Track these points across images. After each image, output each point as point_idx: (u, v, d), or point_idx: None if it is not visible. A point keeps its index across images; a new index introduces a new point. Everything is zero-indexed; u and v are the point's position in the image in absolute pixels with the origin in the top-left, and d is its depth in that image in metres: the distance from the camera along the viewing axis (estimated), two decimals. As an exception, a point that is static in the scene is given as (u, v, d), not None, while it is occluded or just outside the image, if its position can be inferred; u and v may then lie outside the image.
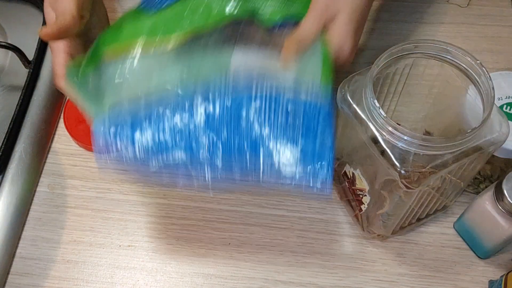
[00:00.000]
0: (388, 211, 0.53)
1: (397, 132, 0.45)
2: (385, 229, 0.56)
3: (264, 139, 0.48)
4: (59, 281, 0.58)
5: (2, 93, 0.70)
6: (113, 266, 0.59)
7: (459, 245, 0.59)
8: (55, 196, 0.63)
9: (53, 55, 0.55)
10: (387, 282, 0.57)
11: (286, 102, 0.50)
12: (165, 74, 0.51)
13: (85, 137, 0.65)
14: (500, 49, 0.72)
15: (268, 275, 0.58)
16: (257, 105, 0.49)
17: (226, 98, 0.49)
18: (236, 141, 0.48)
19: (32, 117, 0.66)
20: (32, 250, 0.60)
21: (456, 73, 0.50)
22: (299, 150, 0.48)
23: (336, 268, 0.58)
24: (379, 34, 0.73)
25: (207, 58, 0.52)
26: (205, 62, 0.52)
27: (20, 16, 0.76)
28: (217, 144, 0.48)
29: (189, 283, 0.58)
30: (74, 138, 0.65)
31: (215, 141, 0.48)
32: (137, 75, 0.51)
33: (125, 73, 0.52)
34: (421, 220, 0.59)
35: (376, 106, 0.46)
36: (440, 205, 0.58)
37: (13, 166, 0.63)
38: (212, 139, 0.48)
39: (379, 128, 0.47)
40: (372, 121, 0.47)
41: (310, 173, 0.48)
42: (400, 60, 0.51)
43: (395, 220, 0.55)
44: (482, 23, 0.74)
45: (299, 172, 0.48)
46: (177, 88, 0.50)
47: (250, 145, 0.48)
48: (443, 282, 0.57)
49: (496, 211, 0.52)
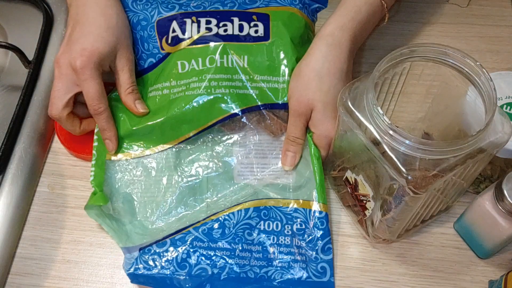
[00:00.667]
0: (394, 215, 0.52)
1: (401, 137, 0.45)
2: (390, 234, 0.56)
3: (273, 261, 0.57)
4: (59, 281, 0.58)
5: (2, 93, 0.70)
6: (113, 266, 0.59)
7: (459, 245, 0.59)
8: (55, 196, 0.63)
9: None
10: (387, 282, 0.57)
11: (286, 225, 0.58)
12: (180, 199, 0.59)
13: (81, 148, 0.64)
14: (500, 49, 0.72)
15: (268, 275, 0.58)
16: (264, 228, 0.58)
17: (238, 223, 0.58)
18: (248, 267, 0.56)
19: (32, 117, 0.66)
20: (32, 250, 0.60)
21: (454, 74, 0.50)
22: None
23: (336, 268, 0.58)
24: (379, 34, 0.73)
25: (215, 176, 0.60)
26: (213, 177, 0.60)
27: (20, 16, 0.76)
28: (232, 267, 0.56)
29: None
30: (70, 149, 0.65)
31: (230, 264, 0.56)
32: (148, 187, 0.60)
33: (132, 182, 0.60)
34: (425, 221, 0.59)
35: (380, 113, 0.46)
36: (443, 205, 0.58)
37: (13, 166, 0.63)
38: (227, 261, 0.56)
39: (383, 134, 0.46)
40: (375, 127, 0.47)
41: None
42: (399, 64, 0.51)
43: (400, 225, 0.55)
44: (482, 23, 0.74)
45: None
46: (193, 222, 0.58)
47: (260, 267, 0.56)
48: (443, 282, 0.57)
49: (496, 211, 0.52)
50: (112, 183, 0.59)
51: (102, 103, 0.58)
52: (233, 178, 0.60)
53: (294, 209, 0.58)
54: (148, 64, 0.63)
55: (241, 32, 0.62)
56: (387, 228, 0.55)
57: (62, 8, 0.74)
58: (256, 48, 0.62)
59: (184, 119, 0.60)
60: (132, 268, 0.55)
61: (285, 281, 0.55)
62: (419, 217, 0.56)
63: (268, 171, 0.60)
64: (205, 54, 0.61)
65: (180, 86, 0.61)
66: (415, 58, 0.50)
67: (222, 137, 0.61)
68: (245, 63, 0.61)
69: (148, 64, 0.63)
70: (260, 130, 0.61)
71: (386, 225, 0.54)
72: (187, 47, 0.62)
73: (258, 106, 0.60)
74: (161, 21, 0.63)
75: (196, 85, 0.60)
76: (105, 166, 0.60)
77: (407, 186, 0.46)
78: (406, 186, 0.46)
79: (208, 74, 0.60)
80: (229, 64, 0.61)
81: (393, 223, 0.54)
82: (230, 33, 0.62)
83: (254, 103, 0.60)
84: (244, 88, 0.61)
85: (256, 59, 0.61)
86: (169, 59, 0.62)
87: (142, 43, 0.63)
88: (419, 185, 0.46)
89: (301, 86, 0.59)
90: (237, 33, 0.62)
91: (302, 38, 0.63)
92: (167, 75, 0.62)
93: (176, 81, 0.61)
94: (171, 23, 0.63)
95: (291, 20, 0.63)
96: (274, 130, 0.61)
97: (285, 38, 0.62)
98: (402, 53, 0.49)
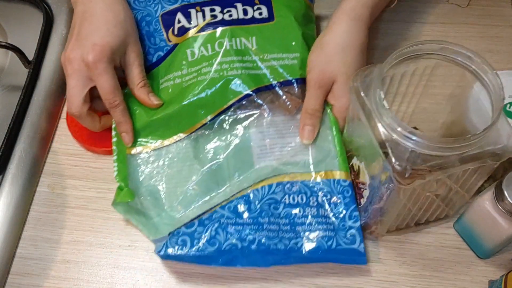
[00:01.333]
0: (383, 206, 0.53)
1: (395, 124, 0.46)
2: (381, 226, 0.56)
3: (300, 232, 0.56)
4: (59, 281, 0.58)
5: (2, 93, 0.70)
6: (113, 266, 0.59)
7: (459, 245, 0.59)
8: (55, 196, 0.63)
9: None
10: (387, 282, 0.57)
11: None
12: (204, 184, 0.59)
13: (89, 139, 0.65)
14: (500, 49, 0.72)
15: (268, 275, 0.58)
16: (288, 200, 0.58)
17: (261, 200, 0.58)
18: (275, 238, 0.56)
19: (32, 117, 0.66)
20: (32, 250, 0.60)
21: (461, 71, 0.50)
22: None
23: (336, 268, 0.58)
24: (379, 34, 0.73)
25: (232, 154, 0.60)
26: (231, 159, 0.60)
27: (20, 16, 0.76)
28: (260, 240, 0.56)
29: (189, 283, 0.58)
30: (78, 140, 0.65)
31: (258, 238, 0.56)
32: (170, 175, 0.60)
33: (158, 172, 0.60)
34: (419, 225, 0.59)
35: (381, 97, 0.47)
36: (442, 214, 0.58)
37: (13, 166, 0.63)
38: (255, 235, 0.56)
39: (381, 120, 0.47)
40: (376, 113, 0.48)
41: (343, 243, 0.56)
42: (410, 60, 0.51)
43: (390, 217, 0.55)
44: (482, 23, 0.74)
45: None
46: (219, 200, 0.58)
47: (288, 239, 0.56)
48: (443, 282, 0.57)
49: (496, 211, 0.52)
50: (136, 177, 0.60)
51: (117, 96, 0.59)
52: (253, 161, 0.60)
53: (317, 181, 0.58)
54: (157, 58, 0.64)
55: (246, 15, 0.63)
56: (379, 219, 0.55)
57: (62, 8, 0.74)
58: (263, 28, 0.63)
59: (200, 104, 0.60)
60: (163, 251, 0.56)
61: (315, 250, 0.55)
62: (412, 217, 0.56)
63: (287, 149, 0.60)
64: (213, 40, 0.62)
65: (191, 74, 0.61)
66: (422, 54, 0.51)
67: (238, 119, 0.61)
68: (254, 44, 0.62)
69: (157, 58, 0.64)
70: (274, 109, 0.62)
71: (378, 216, 0.55)
72: (195, 35, 0.63)
73: (272, 84, 0.61)
74: (166, 15, 0.64)
75: (207, 69, 0.61)
76: (127, 161, 0.60)
77: (393, 174, 0.47)
78: (392, 174, 0.47)
79: (219, 57, 0.61)
80: (238, 46, 0.62)
81: (382, 214, 0.54)
82: (235, 17, 0.63)
83: (267, 82, 0.61)
84: (256, 68, 0.61)
85: (264, 39, 0.63)
86: (178, 50, 0.63)
87: (149, 38, 0.64)
88: (403, 175, 0.46)
89: (323, 58, 0.60)
90: (242, 17, 0.63)
91: (305, 17, 0.66)
92: (177, 65, 0.62)
93: (187, 69, 0.62)
94: (175, 15, 0.64)
95: (291, 1, 0.65)
96: (290, 108, 0.61)
97: (289, 17, 0.64)
98: (412, 49, 0.50)
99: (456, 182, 0.52)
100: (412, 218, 0.57)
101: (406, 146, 0.46)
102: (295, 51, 0.62)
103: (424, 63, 0.52)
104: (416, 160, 0.46)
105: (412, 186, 0.47)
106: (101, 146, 0.64)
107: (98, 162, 0.65)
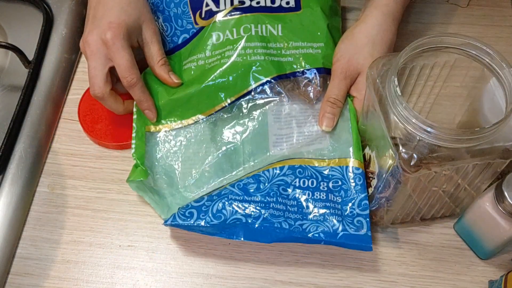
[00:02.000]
0: (389, 196, 0.53)
1: (405, 112, 0.46)
2: (386, 216, 0.56)
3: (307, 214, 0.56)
4: (59, 281, 0.58)
5: (2, 93, 0.70)
6: (113, 266, 0.59)
7: (459, 245, 0.59)
8: (55, 196, 0.63)
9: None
10: (387, 282, 0.57)
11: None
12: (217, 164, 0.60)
13: (103, 136, 0.65)
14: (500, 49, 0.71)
15: (267, 275, 0.58)
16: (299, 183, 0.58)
17: (272, 179, 0.58)
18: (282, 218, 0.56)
19: (32, 117, 0.66)
20: (32, 250, 0.60)
21: (480, 69, 0.50)
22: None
23: (336, 268, 0.58)
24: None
25: (250, 137, 0.61)
26: (248, 143, 0.60)
27: (20, 16, 0.76)
28: (267, 218, 0.55)
29: (189, 283, 0.58)
30: (90, 135, 0.65)
31: (265, 215, 0.56)
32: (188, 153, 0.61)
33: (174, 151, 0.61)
34: (425, 220, 0.59)
35: (395, 84, 0.47)
36: (449, 211, 0.58)
37: (13, 166, 0.63)
38: (261, 212, 0.56)
39: (393, 108, 0.47)
40: (389, 100, 0.48)
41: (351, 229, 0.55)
42: (429, 53, 0.51)
43: (395, 208, 0.55)
44: (482, 24, 0.74)
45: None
46: (230, 179, 0.59)
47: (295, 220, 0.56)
48: (443, 282, 0.57)
49: (496, 212, 0.52)
50: (153, 155, 0.60)
51: (134, 74, 0.59)
52: (268, 147, 0.60)
53: (330, 167, 0.58)
54: (182, 40, 0.65)
55: (273, 4, 0.64)
56: (385, 209, 0.55)
57: (62, 8, 0.74)
58: (289, 17, 0.64)
59: (220, 87, 0.61)
60: (170, 220, 0.56)
61: (320, 233, 0.55)
62: (418, 210, 0.56)
63: (303, 138, 0.60)
64: (239, 24, 0.63)
65: (215, 56, 0.62)
66: (444, 48, 0.51)
67: (257, 104, 0.62)
68: (279, 32, 0.63)
69: (182, 40, 0.65)
70: (294, 97, 0.62)
71: (384, 205, 0.55)
72: (221, 19, 0.63)
73: (294, 72, 0.61)
74: None
75: (230, 53, 0.62)
76: (145, 138, 0.61)
77: (398, 161, 0.47)
78: (397, 161, 0.47)
79: (243, 42, 0.62)
80: (264, 33, 0.62)
81: (387, 203, 0.54)
82: (262, 5, 0.64)
83: (290, 70, 0.61)
84: (279, 55, 0.62)
85: (289, 27, 0.63)
86: (203, 32, 0.64)
87: (176, 20, 0.65)
88: (408, 163, 0.46)
89: (352, 49, 0.61)
90: (270, 5, 0.64)
91: (331, 9, 0.66)
92: (202, 47, 0.63)
93: (211, 52, 0.63)
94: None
95: None
96: (310, 97, 0.61)
97: (316, 8, 0.64)
98: (431, 40, 0.50)
99: (464, 178, 0.52)
100: (418, 212, 0.57)
101: (414, 134, 0.46)
102: (320, 41, 0.63)
103: (444, 58, 0.52)
104: (424, 150, 0.46)
105: (417, 175, 0.47)
106: (112, 141, 0.65)
107: (98, 162, 0.65)
